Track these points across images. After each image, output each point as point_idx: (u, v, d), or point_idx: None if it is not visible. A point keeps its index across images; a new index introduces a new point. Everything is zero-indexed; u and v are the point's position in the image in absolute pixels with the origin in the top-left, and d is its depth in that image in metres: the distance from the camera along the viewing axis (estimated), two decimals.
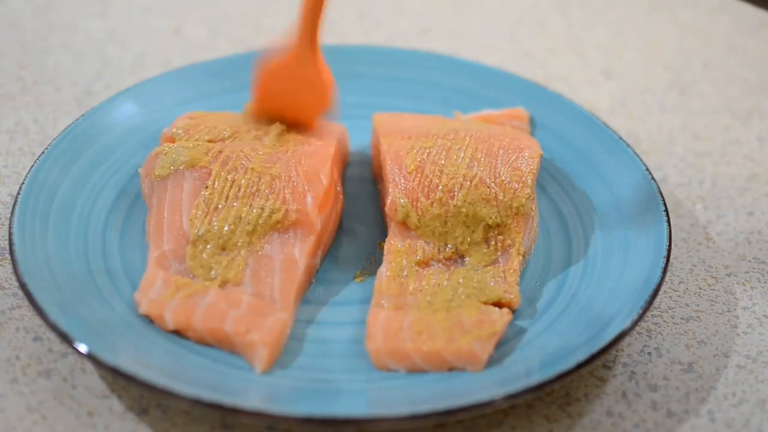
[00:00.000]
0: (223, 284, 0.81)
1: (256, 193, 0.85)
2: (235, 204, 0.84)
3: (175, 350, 0.78)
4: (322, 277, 0.87)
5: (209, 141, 0.90)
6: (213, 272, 0.82)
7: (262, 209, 0.84)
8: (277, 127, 0.92)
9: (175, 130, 0.92)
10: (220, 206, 0.85)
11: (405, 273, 0.84)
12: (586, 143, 0.97)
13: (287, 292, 0.81)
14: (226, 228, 0.83)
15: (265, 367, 0.77)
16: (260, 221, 0.84)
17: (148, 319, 0.80)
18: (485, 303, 0.82)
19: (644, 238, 0.86)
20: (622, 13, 1.31)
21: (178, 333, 0.79)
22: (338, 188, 0.91)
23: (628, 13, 1.31)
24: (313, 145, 0.90)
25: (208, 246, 0.83)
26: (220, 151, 0.88)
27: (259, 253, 0.83)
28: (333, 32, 1.24)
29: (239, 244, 0.83)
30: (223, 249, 0.83)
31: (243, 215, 0.84)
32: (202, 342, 0.79)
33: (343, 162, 0.96)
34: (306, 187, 0.86)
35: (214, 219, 0.84)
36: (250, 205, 0.84)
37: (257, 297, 0.81)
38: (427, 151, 0.89)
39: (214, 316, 0.79)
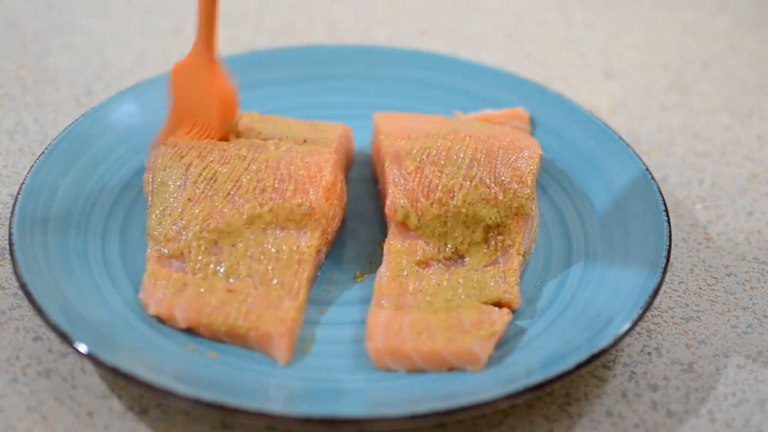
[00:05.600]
0: (228, 279, 0.81)
1: (260, 190, 0.85)
2: (237, 200, 0.85)
3: (175, 350, 0.78)
4: (323, 277, 0.87)
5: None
6: (218, 268, 0.82)
7: (266, 205, 0.84)
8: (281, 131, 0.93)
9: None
10: (221, 204, 0.85)
11: (405, 273, 0.84)
12: (586, 143, 0.97)
13: (298, 282, 0.81)
14: (228, 224, 0.84)
15: (285, 358, 0.78)
16: (263, 216, 0.84)
17: (153, 320, 0.80)
18: (485, 303, 0.82)
19: (644, 238, 0.86)
20: (622, 13, 1.31)
21: (189, 331, 0.80)
22: (343, 186, 0.91)
23: (628, 13, 1.31)
24: (314, 144, 0.90)
25: (210, 242, 0.83)
26: (224, 150, 0.88)
27: (265, 246, 0.83)
28: (333, 32, 1.24)
29: (242, 239, 0.83)
30: (227, 245, 0.83)
31: (246, 211, 0.84)
32: (214, 339, 0.79)
33: (346, 161, 0.97)
34: (310, 183, 0.86)
35: (216, 216, 0.84)
36: (254, 202, 0.84)
37: (265, 290, 0.81)
38: (427, 151, 0.89)
39: (225, 313, 0.79)
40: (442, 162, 0.88)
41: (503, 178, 0.87)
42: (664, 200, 0.89)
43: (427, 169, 0.88)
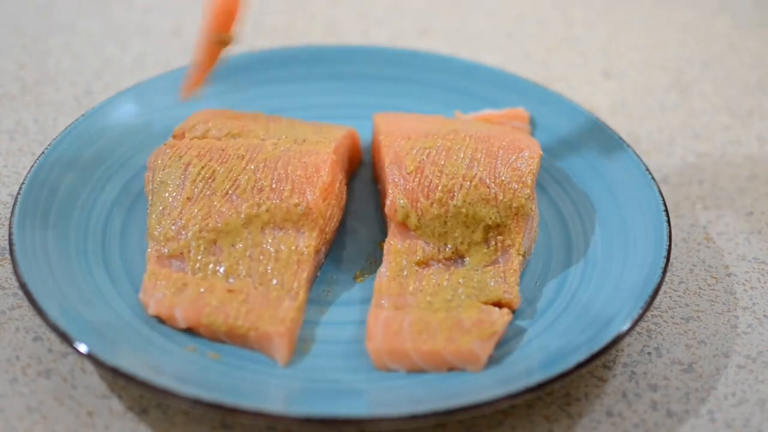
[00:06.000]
0: (228, 279, 0.82)
1: (258, 190, 0.85)
2: (235, 200, 0.85)
3: (175, 350, 0.78)
4: (323, 277, 0.87)
5: (217, 139, 0.91)
6: (218, 267, 0.82)
7: (263, 205, 0.84)
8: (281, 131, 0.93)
9: (186, 126, 0.92)
10: (219, 203, 0.85)
11: (405, 273, 0.84)
12: (586, 143, 0.97)
13: (297, 282, 0.82)
14: (226, 224, 0.84)
15: (285, 358, 0.78)
16: (261, 216, 0.84)
17: (153, 320, 0.80)
18: (485, 303, 0.82)
19: (644, 238, 0.86)
20: (622, 13, 1.31)
21: (189, 331, 0.80)
22: (343, 187, 0.91)
23: (628, 13, 1.31)
24: (314, 144, 0.90)
25: (209, 242, 0.83)
26: (222, 150, 0.89)
27: (263, 246, 0.83)
28: (333, 32, 1.24)
29: (241, 239, 0.83)
30: (226, 245, 0.83)
31: (243, 211, 0.84)
32: (214, 339, 0.79)
33: (351, 163, 0.96)
34: (307, 183, 0.86)
35: (214, 215, 0.84)
36: (251, 201, 0.85)
37: (265, 290, 0.81)
38: (427, 151, 0.89)
39: (225, 313, 0.79)
40: (442, 162, 0.88)
41: (503, 178, 0.87)
42: (664, 200, 0.89)
43: (427, 169, 0.88)
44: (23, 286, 0.78)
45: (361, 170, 0.99)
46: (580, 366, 0.75)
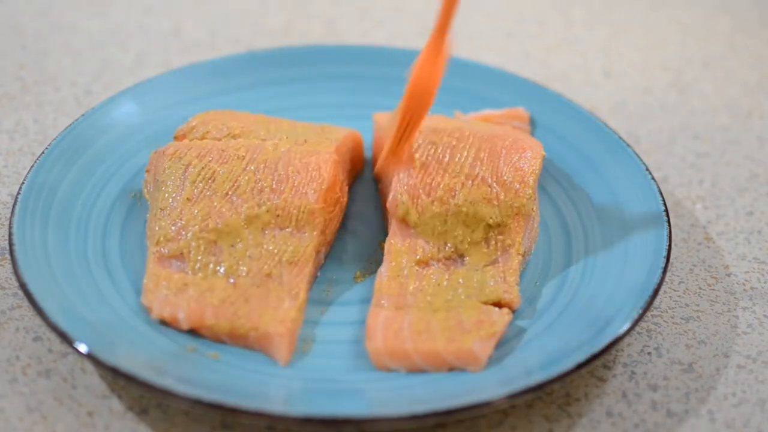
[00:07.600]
0: (228, 279, 0.81)
1: (258, 190, 0.85)
2: (235, 201, 0.85)
3: (175, 350, 0.78)
4: (323, 277, 0.87)
5: (217, 140, 0.91)
6: (218, 268, 0.82)
7: (263, 205, 0.84)
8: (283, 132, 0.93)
9: (187, 128, 0.92)
10: (219, 204, 0.85)
11: (405, 273, 0.84)
12: (586, 143, 0.97)
13: (298, 282, 0.82)
14: (226, 224, 0.84)
15: (286, 358, 0.78)
16: (261, 217, 0.84)
17: (153, 320, 0.80)
18: (485, 303, 0.82)
19: (644, 238, 0.86)
20: (622, 13, 1.31)
21: (189, 331, 0.80)
22: (344, 188, 0.91)
23: (628, 13, 1.31)
24: (315, 145, 0.90)
25: (210, 242, 0.83)
26: (223, 150, 0.88)
27: (264, 246, 0.83)
28: (333, 32, 1.24)
29: (241, 239, 0.83)
30: (226, 245, 0.83)
31: (244, 211, 0.84)
32: (215, 339, 0.79)
33: (353, 165, 0.96)
34: (308, 184, 0.86)
35: (214, 216, 0.84)
36: (251, 202, 0.85)
37: (265, 290, 0.81)
38: (431, 148, 0.89)
39: (228, 313, 0.79)
40: (446, 160, 0.88)
41: (505, 177, 0.87)
42: (664, 200, 0.89)
43: (431, 167, 0.88)
44: (23, 286, 0.78)
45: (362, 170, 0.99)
46: (580, 366, 0.75)
